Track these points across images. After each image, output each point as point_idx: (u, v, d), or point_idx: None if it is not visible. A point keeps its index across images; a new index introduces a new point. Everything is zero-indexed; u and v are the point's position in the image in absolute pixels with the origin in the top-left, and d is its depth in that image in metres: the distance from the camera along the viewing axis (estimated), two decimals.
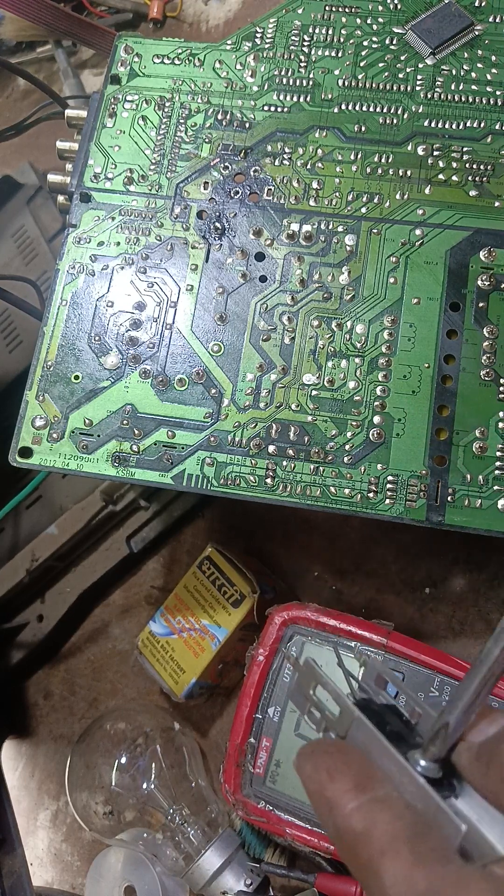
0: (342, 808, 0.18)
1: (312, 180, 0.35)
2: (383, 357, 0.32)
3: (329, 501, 0.31)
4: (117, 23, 0.59)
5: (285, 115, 0.36)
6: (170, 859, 0.38)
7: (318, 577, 0.43)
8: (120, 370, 0.33)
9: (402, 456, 0.31)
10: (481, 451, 0.31)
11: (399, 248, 0.33)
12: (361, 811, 0.18)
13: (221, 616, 0.39)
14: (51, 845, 0.45)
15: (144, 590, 0.47)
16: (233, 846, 0.37)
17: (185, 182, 0.35)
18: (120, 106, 0.37)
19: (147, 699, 0.45)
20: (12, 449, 0.33)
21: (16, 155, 0.60)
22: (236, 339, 0.33)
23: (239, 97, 0.36)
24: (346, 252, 0.34)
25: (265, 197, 0.35)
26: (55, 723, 0.47)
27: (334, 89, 0.36)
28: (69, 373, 0.33)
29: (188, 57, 0.37)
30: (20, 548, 0.47)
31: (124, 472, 0.32)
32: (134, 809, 0.40)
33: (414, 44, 0.36)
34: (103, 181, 0.36)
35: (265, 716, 0.35)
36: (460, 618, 0.40)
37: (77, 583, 0.47)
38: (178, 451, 0.32)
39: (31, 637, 0.47)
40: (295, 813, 0.33)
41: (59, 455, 0.33)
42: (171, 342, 0.34)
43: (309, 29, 0.37)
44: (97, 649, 0.47)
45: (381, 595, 0.41)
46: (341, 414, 0.32)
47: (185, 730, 0.42)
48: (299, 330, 0.33)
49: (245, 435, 0.32)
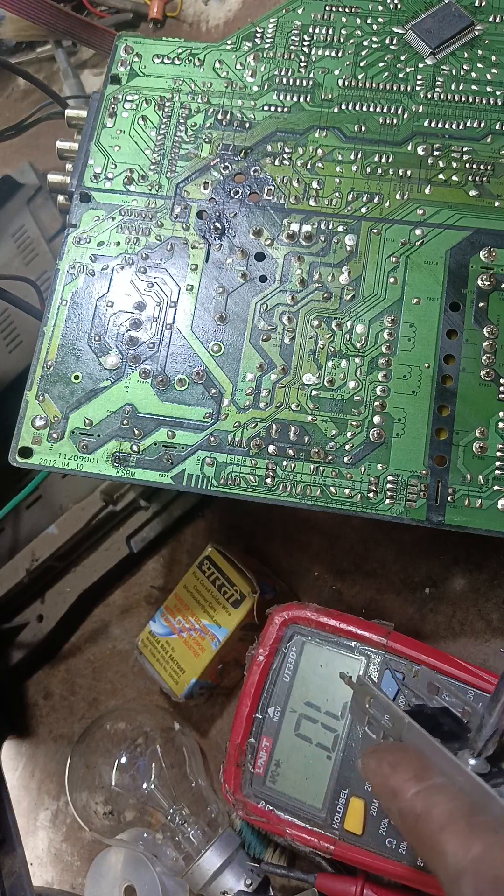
0: (404, 794, 0.21)
1: (312, 180, 0.35)
2: (383, 357, 0.32)
3: (329, 501, 0.31)
4: (117, 23, 0.59)
5: (285, 115, 0.36)
6: (170, 859, 0.38)
7: (318, 576, 0.43)
8: (120, 370, 0.33)
9: (402, 456, 0.31)
10: (481, 451, 0.31)
11: (399, 248, 0.33)
12: (421, 795, 0.21)
13: (221, 616, 0.39)
14: (51, 845, 0.45)
15: (144, 590, 0.47)
16: (233, 846, 0.37)
17: (185, 182, 0.35)
18: (120, 106, 0.37)
19: (147, 699, 0.45)
20: (12, 449, 0.33)
21: (16, 155, 0.60)
22: (236, 339, 0.33)
23: (239, 97, 0.36)
24: (346, 252, 0.33)
25: (265, 197, 0.35)
26: (55, 723, 0.47)
27: (334, 89, 0.36)
28: (69, 373, 0.33)
29: (188, 57, 0.37)
30: (20, 548, 0.47)
31: (124, 472, 0.32)
32: (134, 809, 0.40)
33: (414, 44, 0.36)
34: (103, 181, 0.36)
35: (265, 716, 0.35)
36: (460, 618, 0.40)
37: (77, 583, 0.47)
38: (178, 451, 0.32)
39: (31, 637, 0.47)
40: (295, 813, 0.33)
41: (59, 455, 0.33)
42: (171, 342, 0.34)
43: (309, 29, 0.37)
44: (97, 649, 0.47)
45: (381, 595, 0.41)
46: (341, 414, 0.32)
47: (185, 730, 0.42)
48: (299, 330, 0.33)
49: (245, 435, 0.32)
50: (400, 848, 0.31)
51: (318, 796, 0.33)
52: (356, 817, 0.32)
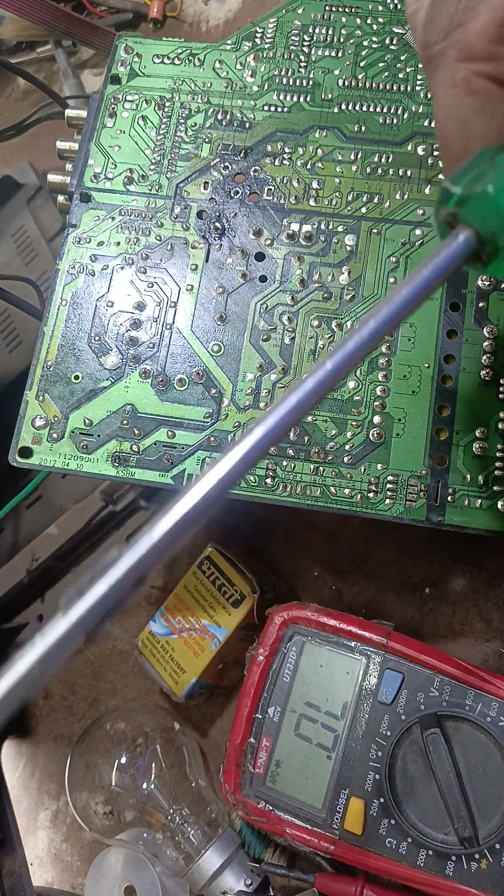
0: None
1: (312, 180, 0.35)
2: (383, 357, 0.32)
3: (329, 501, 0.31)
4: (117, 23, 0.59)
5: (285, 115, 0.36)
6: (170, 859, 0.38)
7: (318, 576, 0.43)
8: (120, 370, 0.33)
9: (402, 456, 0.31)
10: (481, 451, 0.31)
11: (399, 248, 0.33)
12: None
13: (221, 616, 0.39)
14: (51, 845, 0.45)
15: (144, 590, 0.47)
16: (233, 846, 0.37)
17: (185, 182, 0.35)
18: (120, 106, 0.37)
19: (147, 699, 0.45)
20: (12, 449, 0.33)
21: (16, 155, 0.60)
22: (236, 339, 0.33)
23: (239, 97, 0.36)
24: (347, 252, 0.33)
25: (265, 197, 0.35)
26: (55, 723, 0.47)
27: (334, 89, 0.36)
28: (69, 373, 0.33)
29: (188, 57, 0.37)
30: (20, 548, 0.47)
31: (124, 472, 0.32)
32: (134, 809, 0.40)
33: (414, 44, 0.36)
34: (103, 181, 0.36)
35: (265, 716, 0.35)
36: (460, 618, 0.40)
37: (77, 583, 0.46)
38: (178, 451, 0.32)
39: (32, 637, 0.47)
40: (295, 813, 0.33)
41: (59, 455, 0.33)
42: (171, 342, 0.33)
43: (309, 29, 0.37)
44: (97, 649, 0.47)
45: (381, 595, 0.41)
46: (341, 414, 0.32)
47: (185, 730, 0.42)
48: (299, 330, 0.33)
49: None
50: (400, 848, 0.31)
51: (318, 796, 0.33)
52: (356, 817, 0.32)
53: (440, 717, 0.32)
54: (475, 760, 0.32)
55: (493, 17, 0.18)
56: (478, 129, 0.19)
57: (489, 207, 0.19)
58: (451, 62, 0.19)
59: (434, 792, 0.32)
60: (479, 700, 0.32)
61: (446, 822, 0.31)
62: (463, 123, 0.20)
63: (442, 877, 0.31)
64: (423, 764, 0.32)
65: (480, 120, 0.19)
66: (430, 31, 0.20)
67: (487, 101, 0.19)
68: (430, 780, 0.32)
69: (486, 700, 0.32)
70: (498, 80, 0.19)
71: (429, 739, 0.32)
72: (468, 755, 0.32)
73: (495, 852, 0.30)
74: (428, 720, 0.32)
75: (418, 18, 0.21)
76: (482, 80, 0.19)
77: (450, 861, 0.31)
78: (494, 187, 0.19)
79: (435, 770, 0.31)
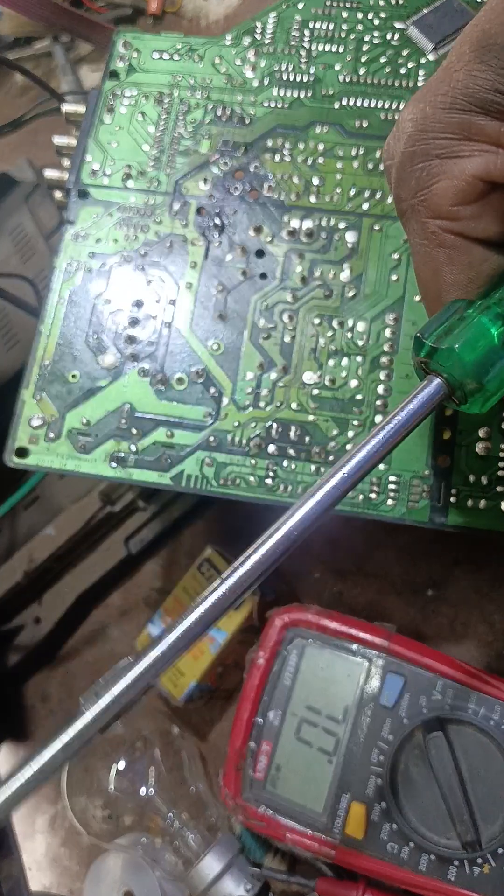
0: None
1: (313, 176, 0.34)
2: (385, 356, 0.32)
3: None
4: (116, 18, 0.58)
5: (286, 111, 0.35)
6: (169, 864, 0.38)
7: (319, 578, 0.43)
8: (118, 369, 0.33)
9: (404, 456, 0.31)
10: (485, 451, 0.30)
11: (401, 245, 0.33)
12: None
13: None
14: (49, 849, 0.45)
15: (143, 592, 0.47)
16: (232, 851, 0.36)
17: (185, 178, 0.35)
18: (118, 101, 0.37)
19: (146, 702, 0.45)
20: (8, 449, 0.32)
21: (13, 151, 0.59)
22: (236, 338, 0.33)
23: (239, 93, 0.36)
24: (348, 249, 0.33)
25: (265, 193, 0.34)
26: (53, 726, 0.47)
27: (335, 85, 0.35)
28: (67, 372, 0.33)
29: (187, 52, 0.37)
30: (17, 549, 0.46)
31: (123, 473, 0.32)
32: (133, 814, 0.39)
33: (415, 39, 0.36)
34: (101, 177, 0.35)
35: (265, 719, 0.34)
36: (463, 620, 0.39)
37: (75, 584, 0.46)
38: (177, 451, 0.32)
39: (29, 639, 0.46)
40: (295, 817, 0.33)
41: (57, 455, 0.32)
42: (170, 340, 0.33)
43: (309, 24, 0.36)
44: (95, 652, 0.47)
45: (382, 597, 0.41)
46: (342, 413, 0.31)
47: (185, 733, 0.42)
48: (300, 328, 0.33)
49: (245, 435, 0.32)
50: (402, 853, 0.31)
51: (319, 801, 0.33)
52: (357, 822, 0.32)
53: (443, 720, 0.32)
54: (478, 764, 0.31)
55: (452, 184, 0.21)
56: (449, 278, 0.22)
57: (455, 361, 0.21)
58: (421, 218, 0.22)
59: (436, 796, 0.31)
60: (481, 703, 0.31)
61: (448, 827, 0.31)
62: (434, 272, 0.22)
63: (444, 882, 0.30)
64: (425, 768, 0.32)
65: (451, 269, 0.22)
66: (401, 188, 0.22)
67: (455, 252, 0.22)
68: (433, 784, 0.31)
69: (489, 703, 0.31)
70: (463, 234, 0.22)
71: (431, 743, 0.31)
72: (471, 759, 0.31)
73: (498, 857, 0.30)
74: (430, 724, 0.32)
75: (390, 175, 0.23)
76: (449, 235, 0.22)
77: (452, 866, 0.31)
78: (460, 344, 0.21)
79: (437, 774, 0.31)
